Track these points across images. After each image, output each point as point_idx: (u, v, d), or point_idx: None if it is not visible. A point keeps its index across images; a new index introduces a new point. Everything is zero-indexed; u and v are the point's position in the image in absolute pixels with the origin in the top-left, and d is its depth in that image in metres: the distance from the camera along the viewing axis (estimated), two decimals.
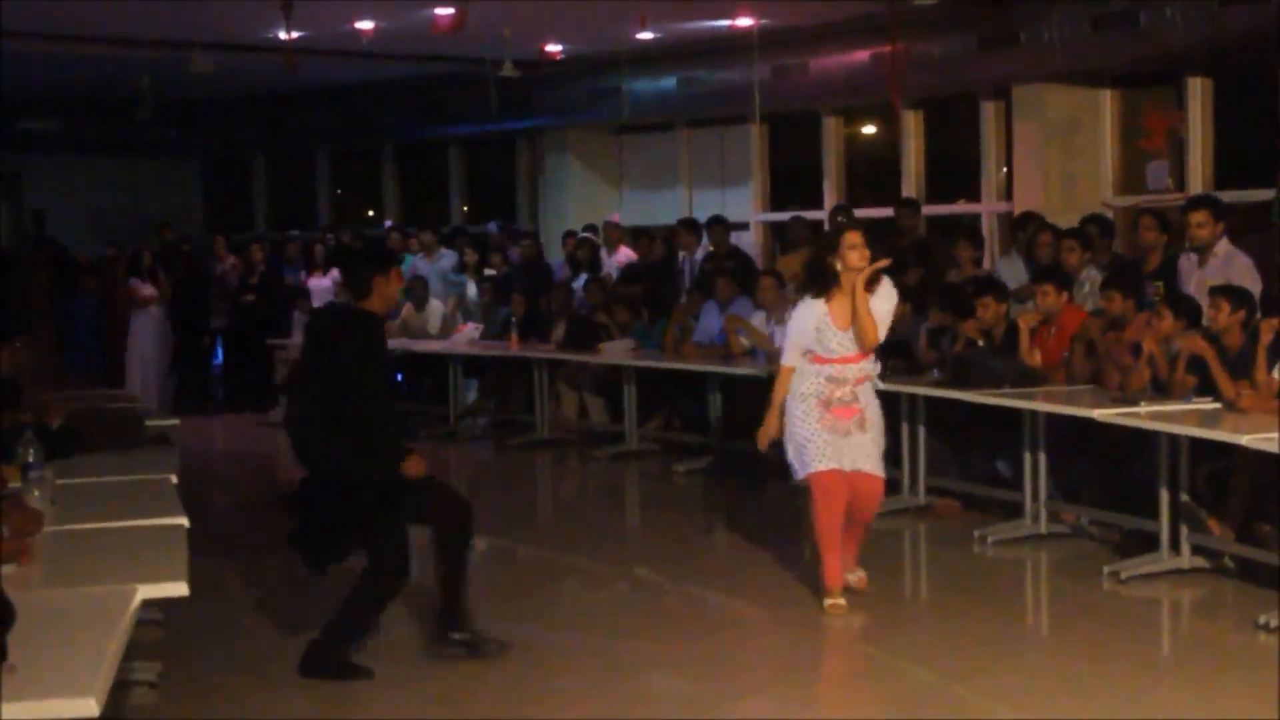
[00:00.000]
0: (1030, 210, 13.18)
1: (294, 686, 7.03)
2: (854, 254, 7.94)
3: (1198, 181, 13.58)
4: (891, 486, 11.05)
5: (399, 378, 16.82)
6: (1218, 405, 8.55)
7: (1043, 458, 9.66)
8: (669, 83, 16.94)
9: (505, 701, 6.79)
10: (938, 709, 6.60)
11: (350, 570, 7.16)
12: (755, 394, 12.36)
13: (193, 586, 5.00)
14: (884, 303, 8.06)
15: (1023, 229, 12.52)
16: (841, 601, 7.93)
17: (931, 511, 10.68)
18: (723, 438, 12.74)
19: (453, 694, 6.89)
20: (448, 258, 17.61)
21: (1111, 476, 9.55)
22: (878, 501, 8.26)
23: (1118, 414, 8.54)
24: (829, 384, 8.00)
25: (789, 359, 8.16)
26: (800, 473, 8.03)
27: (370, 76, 18.68)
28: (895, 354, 10.94)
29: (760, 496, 11.66)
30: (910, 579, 9.32)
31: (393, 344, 16.02)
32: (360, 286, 7.12)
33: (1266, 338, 8.46)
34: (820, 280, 8.06)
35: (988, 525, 9.92)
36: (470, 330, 16.15)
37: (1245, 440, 7.54)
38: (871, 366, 8.17)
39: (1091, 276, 11.03)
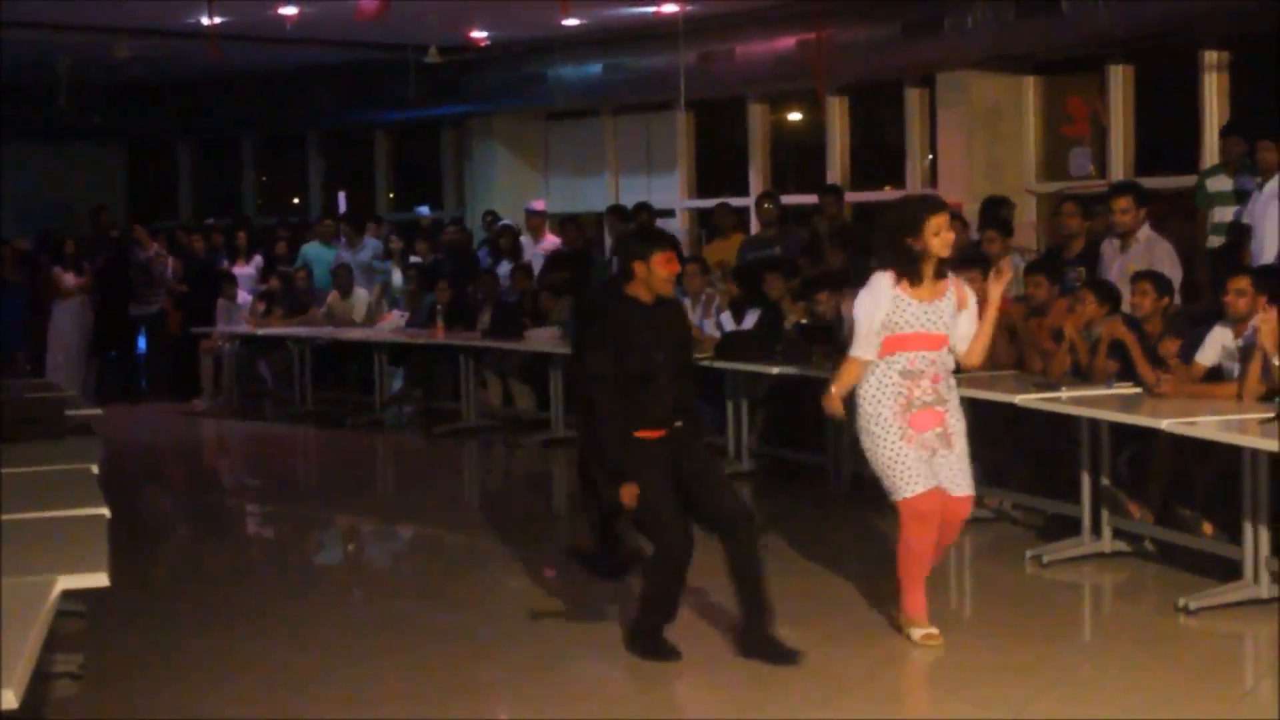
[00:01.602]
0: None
1: (216, 678, 7.00)
2: (938, 241, 6.84)
3: (1119, 168, 13.69)
4: (817, 472, 11.15)
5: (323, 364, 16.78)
6: (1138, 390, 8.63)
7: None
8: (595, 69, 16.93)
9: (437, 691, 6.76)
10: (862, 693, 6.63)
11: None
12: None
13: (115, 578, 4.96)
14: (966, 323, 7.07)
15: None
16: (935, 631, 7.11)
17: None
18: None
19: (387, 687, 6.85)
20: (370, 246, 17.54)
21: (1034, 461, 9.62)
22: (962, 523, 7.26)
23: (1039, 399, 8.61)
24: (905, 380, 6.91)
25: (861, 349, 7.00)
26: (893, 495, 7.00)
27: (295, 62, 18.57)
28: (818, 339, 10.99)
29: None
30: (832, 563, 9.33)
31: (318, 332, 16.04)
32: (622, 268, 7.00)
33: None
34: (908, 263, 6.89)
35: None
36: (395, 318, 16.11)
37: (1165, 425, 7.61)
38: (948, 362, 7.09)
39: (1015, 264, 11.09)
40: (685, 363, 7.07)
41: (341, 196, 19.86)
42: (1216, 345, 8.54)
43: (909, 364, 6.93)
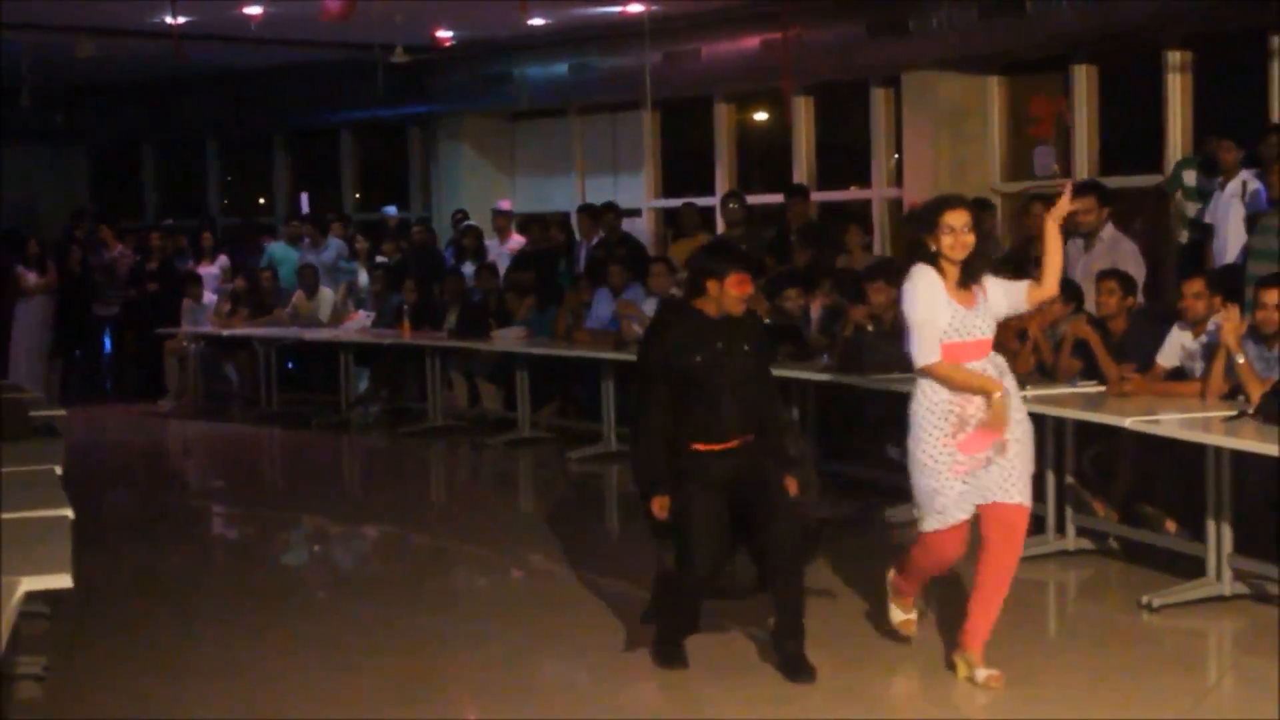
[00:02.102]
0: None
1: (181, 679, 6.98)
2: (949, 239, 6.29)
3: (1084, 167, 13.73)
4: None
5: (289, 365, 16.74)
6: (1102, 389, 8.67)
7: None
8: (561, 69, 16.92)
9: (404, 690, 6.76)
10: (820, 696, 6.65)
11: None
12: None
13: (79, 579, 4.95)
14: (1002, 300, 6.50)
15: None
16: (912, 617, 6.91)
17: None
18: (616, 424, 12.75)
19: (355, 687, 6.85)
20: (335, 246, 17.52)
21: None
22: (1022, 536, 6.53)
23: None
24: (955, 397, 6.30)
25: (930, 353, 6.33)
26: (921, 526, 6.49)
27: (260, 62, 18.52)
28: (784, 338, 11.00)
29: None
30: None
31: (284, 332, 16.00)
32: (694, 282, 6.89)
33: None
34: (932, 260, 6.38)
35: (883, 509, 10.00)
36: (361, 318, 16.08)
37: (1128, 423, 7.65)
38: (998, 366, 6.45)
39: None
40: (755, 377, 6.90)
41: (304, 198, 19.82)
42: (1176, 347, 8.60)
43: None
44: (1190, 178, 11.48)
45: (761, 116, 17.33)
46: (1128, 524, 8.55)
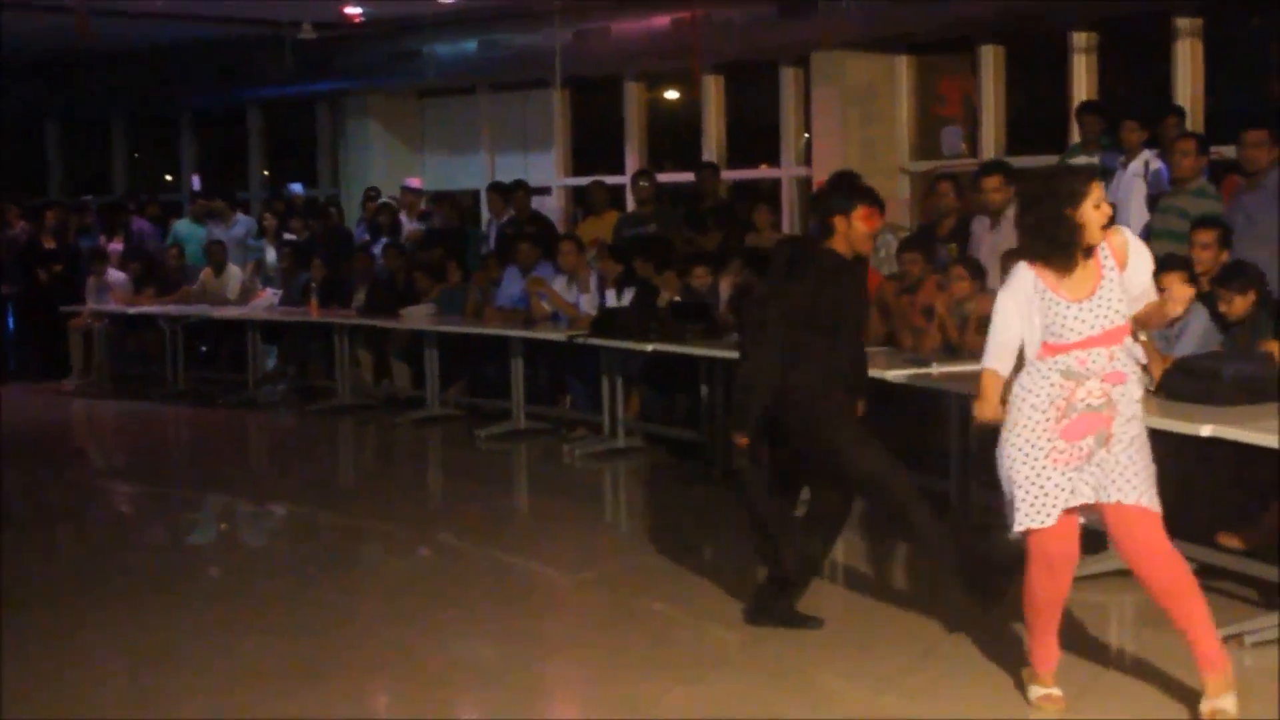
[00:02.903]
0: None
1: (78, 659, 6.91)
2: (1099, 215, 5.66)
3: (990, 147, 13.84)
4: (693, 448, 11.17)
5: (203, 349, 16.64)
6: None
7: None
8: (470, 46, 16.86)
9: (307, 671, 6.73)
10: (739, 664, 6.68)
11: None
12: (557, 358, 12.44)
13: None
14: (1142, 271, 5.83)
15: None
16: (1057, 693, 5.92)
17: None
18: (526, 402, 12.75)
19: (261, 668, 6.81)
20: (243, 223, 17.40)
21: (903, 436, 9.71)
22: (1154, 548, 5.63)
23: (910, 375, 8.70)
24: (1067, 381, 5.66)
25: (993, 359, 5.88)
26: (1015, 524, 5.75)
27: (166, 38, 18.33)
28: (695, 316, 11.03)
29: (561, 461, 11.68)
30: (709, 538, 9.38)
31: (189, 310, 15.88)
32: (822, 223, 6.79)
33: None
34: (1061, 243, 5.66)
35: None
36: (269, 296, 15.97)
37: None
38: (1132, 357, 5.79)
39: (887, 241, 11.21)
40: (862, 323, 6.92)
41: (195, 179, 19.68)
42: None
43: (1077, 364, 5.68)
44: (1079, 163, 11.59)
45: (672, 95, 17.34)
46: None
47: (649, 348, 11.03)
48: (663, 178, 14.87)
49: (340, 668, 6.77)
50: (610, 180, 15.65)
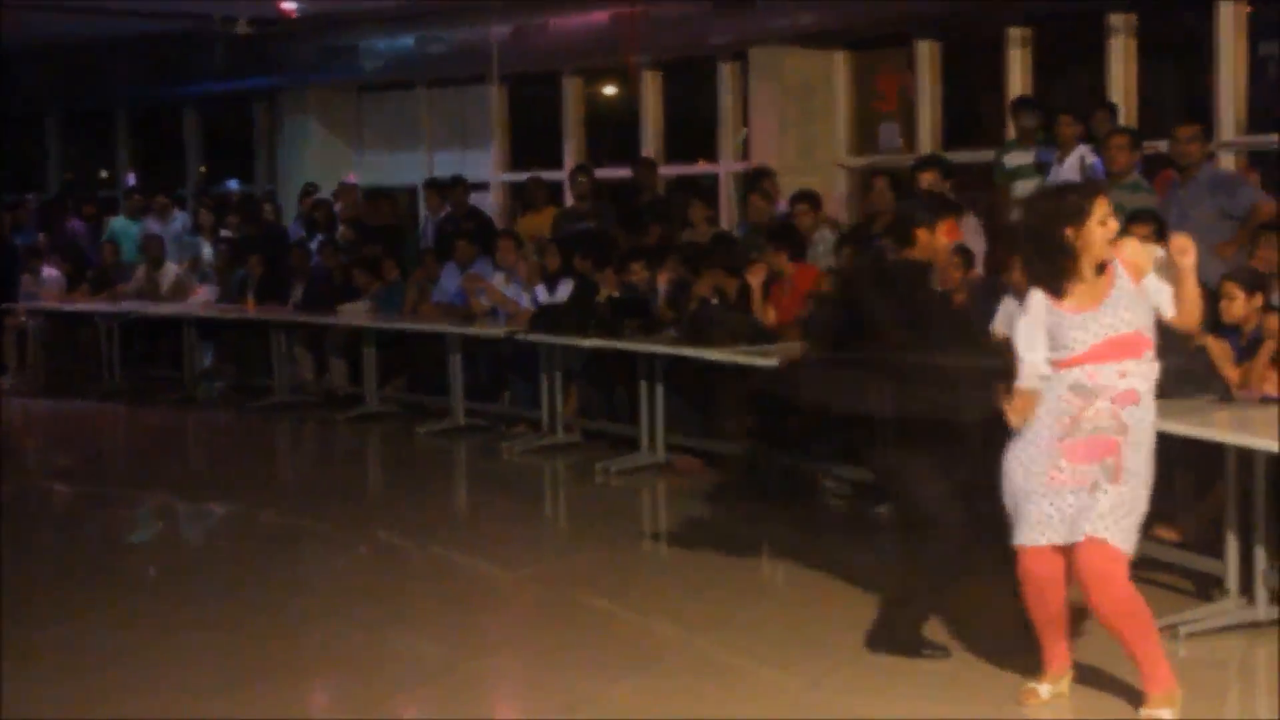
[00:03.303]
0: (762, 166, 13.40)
1: (15, 663, 6.84)
2: (1105, 230, 5.59)
3: (927, 142, 13.89)
4: (630, 444, 11.19)
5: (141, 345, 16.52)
6: None
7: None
8: (407, 41, 16.80)
9: (244, 670, 6.70)
10: (678, 659, 6.70)
11: None
12: (497, 354, 12.43)
13: None
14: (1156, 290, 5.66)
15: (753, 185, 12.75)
16: (1042, 689, 5.90)
17: (671, 468, 10.78)
18: (465, 398, 12.74)
19: (198, 665, 6.79)
20: (180, 219, 17.30)
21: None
22: (1111, 586, 5.55)
23: None
24: (1075, 396, 5.59)
25: (1024, 379, 5.73)
26: (1013, 537, 5.76)
27: (101, 34, 18.18)
28: (632, 312, 11.05)
29: (500, 457, 11.67)
30: (652, 538, 9.40)
31: (126, 307, 15.78)
32: (903, 233, 6.67)
33: None
34: (1058, 266, 5.62)
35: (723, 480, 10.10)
36: (206, 293, 15.88)
37: None
38: (1146, 375, 5.67)
39: (824, 236, 11.25)
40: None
41: (131, 175, 19.55)
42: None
43: (1086, 378, 5.59)
44: (1014, 159, 11.67)
45: (610, 90, 17.33)
46: None
47: (586, 344, 11.04)
48: (600, 173, 14.86)
49: (277, 666, 6.74)
50: (548, 176, 15.63)
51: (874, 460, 6.83)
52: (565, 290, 12.08)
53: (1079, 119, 11.02)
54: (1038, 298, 5.66)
